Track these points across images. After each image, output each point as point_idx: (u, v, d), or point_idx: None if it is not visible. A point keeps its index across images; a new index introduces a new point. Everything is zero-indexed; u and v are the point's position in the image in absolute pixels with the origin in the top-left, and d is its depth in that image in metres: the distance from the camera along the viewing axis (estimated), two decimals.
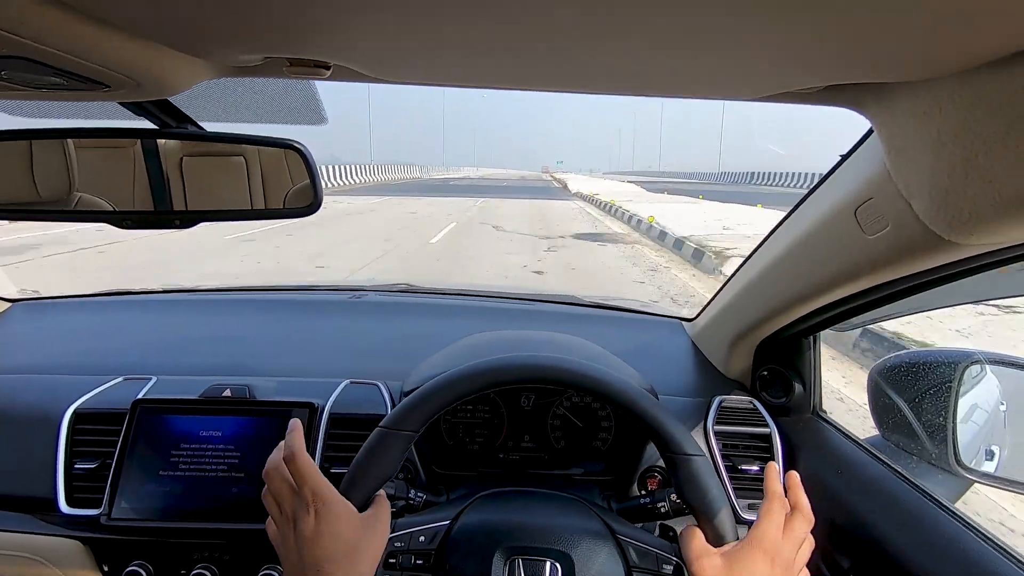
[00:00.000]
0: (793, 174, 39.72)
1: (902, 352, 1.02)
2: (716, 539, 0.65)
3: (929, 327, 3.80)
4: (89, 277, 6.41)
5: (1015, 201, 0.38)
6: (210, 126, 0.67)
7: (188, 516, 0.87)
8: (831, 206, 0.63)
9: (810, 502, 0.66)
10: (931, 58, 0.36)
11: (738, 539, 0.65)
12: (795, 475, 0.67)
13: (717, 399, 1.02)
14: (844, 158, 0.61)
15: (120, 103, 0.58)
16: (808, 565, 0.65)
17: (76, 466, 0.91)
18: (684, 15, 0.32)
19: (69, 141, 0.72)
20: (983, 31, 0.31)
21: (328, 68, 0.43)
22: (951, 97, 0.39)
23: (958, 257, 0.52)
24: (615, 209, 15.09)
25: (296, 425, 0.65)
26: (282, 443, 0.66)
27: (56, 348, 1.20)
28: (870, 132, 0.55)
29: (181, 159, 0.71)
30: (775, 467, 0.68)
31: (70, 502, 0.89)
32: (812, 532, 0.66)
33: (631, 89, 0.49)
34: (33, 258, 7.29)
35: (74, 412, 0.94)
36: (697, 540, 0.65)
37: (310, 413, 0.93)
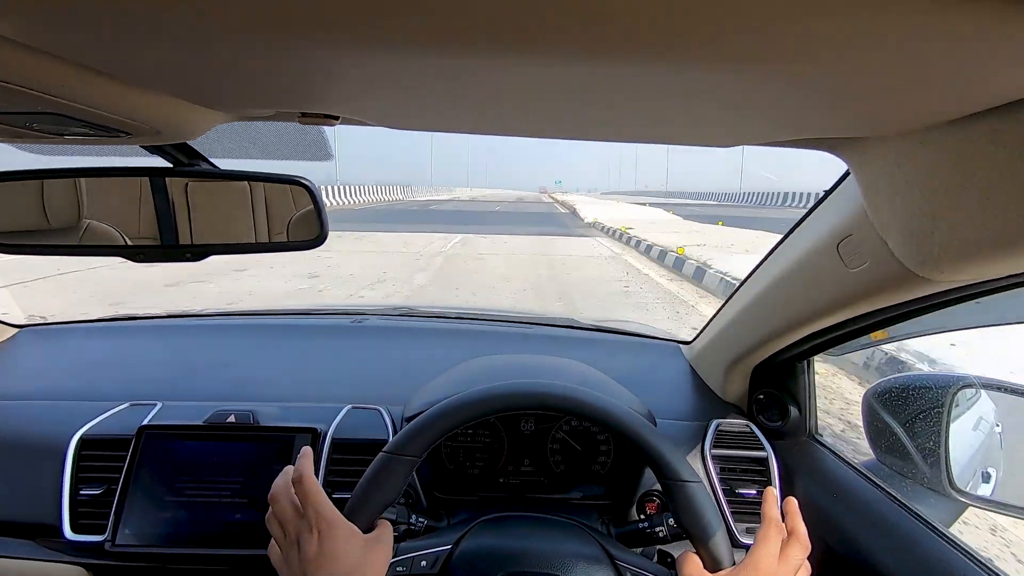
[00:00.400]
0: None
1: (896, 376, 1.04)
2: (712, 564, 0.66)
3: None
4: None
5: (977, 243, 0.40)
6: (220, 162, 0.70)
7: (192, 542, 0.88)
8: (815, 239, 0.66)
9: (805, 526, 0.67)
10: (896, 119, 0.38)
11: (735, 564, 0.66)
12: (793, 501, 0.68)
13: (714, 423, 1.04)
14: (827, 194, 0.64)
15: (141, 146, 0.61)
16: None
17: (81, 492, 0.92)
18: (669, 80, 0.35)
19: (81, 181, 0.74)
20: (941, 96, 0.34)
21: (337, 118, 0.46)
22: (917, 150, 0.42)
23: (933, 291, 0.54)
24: (684, 264, 8.10)
25: (307, 452, 0.67)
26: (288, 468, 0.67)
27: (63, 374, 1.21)
28: (848, 172, 0.58)
29: (187, 184, 0.74)
30: (773, 492, 0.69)
31: (75, 528, 0.90)
32: (808, 558, 0.67)
33: (621, 137, 0.52)
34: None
35: (80, 438, 0.95)
36: (693, 565, 0.66)
37: (313, 438, 0.95)
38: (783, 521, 0.67)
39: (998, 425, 1.17)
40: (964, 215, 0.40)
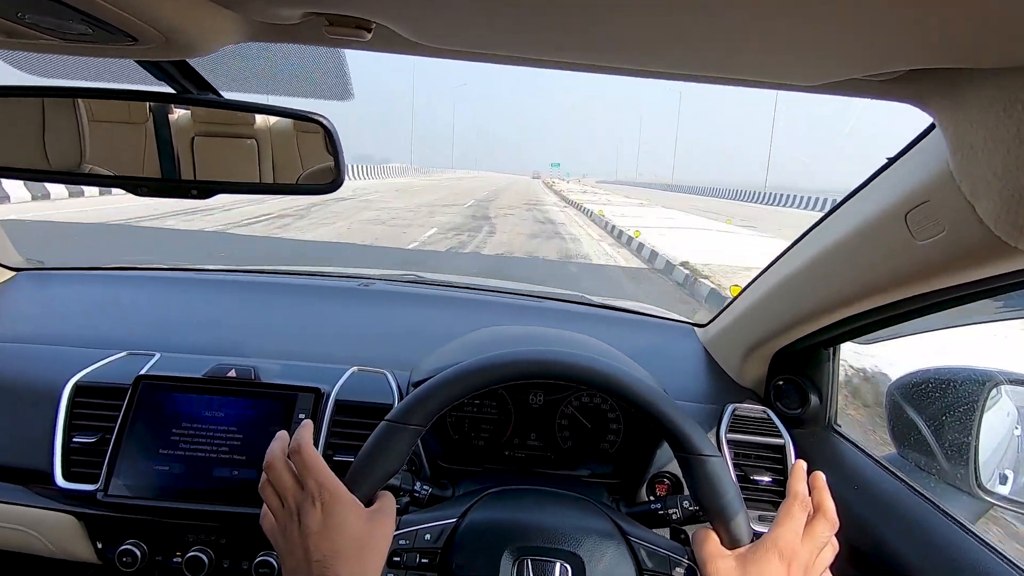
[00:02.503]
0: None
1: (923, 369, 1.00)
2: (731, 542, 0.63)
3: None
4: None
5: None
6: (230, 96, 0.65)
7: (186, 497, 0.85)
8: (877, 211, 0.61)
9: None
10: (1009, 43, 0.33)
11: (753, 541, 0.63)
12: (821, 476, 0.64)
13: (731, 407, 1.00)
14: (892, 160, 0.59)
15: (142, 64, 0.56)
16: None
17: (74, 440, 0.89)
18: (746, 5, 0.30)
19: (82, 110, 0.70)
20: None
21: (369, 30, 0.41)
22: None
23: (1018, 266, 0.49)
24: None
25: (308, 424, 0.64)
26: (281, 433, 0.64)
27: (60, 319, 1.18)
28: (926, 132, 0.53)
29: (192, 138, 0.69)
30: (802, 466, 0.66)
31: (67, 476, 0.87)
32: (836, 536, 0.63)
33: (685, 68, 0.46)
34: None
35: (75, 385, 0.92)
36: (711, 542, 0.62)
37: (315, 398, 0.91)
38: (810, 496, 0.63)
39: (1018, 427, 1.14)
40: None
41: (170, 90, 0.61)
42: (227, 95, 0.65)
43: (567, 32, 0.40)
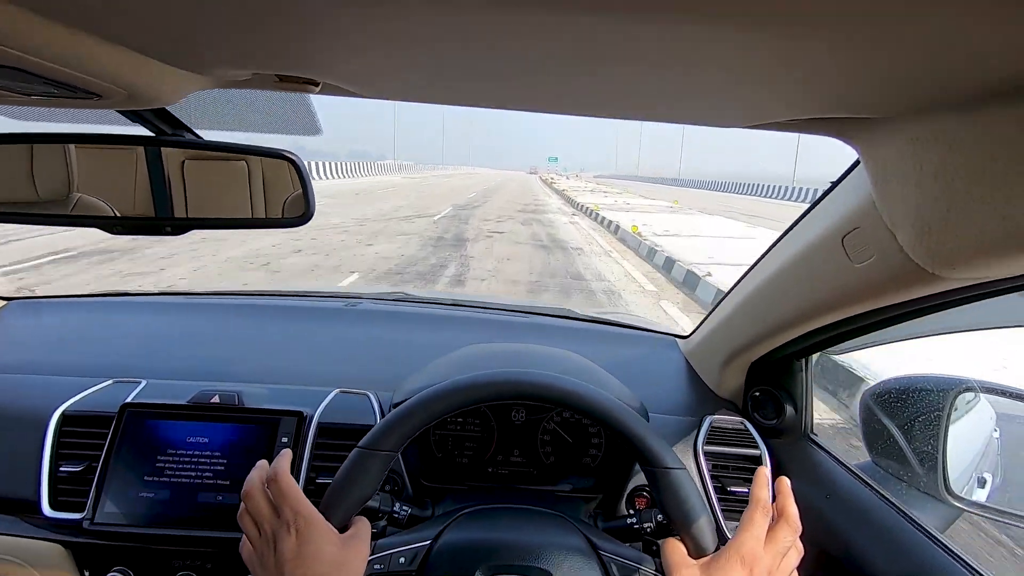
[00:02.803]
0: None
1: (895, 377, 1.02)
2: (696, 551, 0.64)
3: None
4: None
5: (994, 239, 0.38)
6: (208, 135, 0.67)
7: (172, 523, 0.87)
8: (820, 232, 0.63)
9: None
10: (913, 94, 0.36)
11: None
12: (785, 481, 0.66)
13: (708, 419, 1.02)
14: (834, 185, 0.62)
15: (117, 110, 0.59)
16: None
17: (61, 469, 0.90)
18: (672, 45, 0.32)
19: (71, 145, 0.72)
20: (962, 72, 0.31)
21: (317, 84, 0.43)
22: (934, 135, 0.39)
23: (942, 288, 0.52)
24: None
25: (286, 453, 0.66)
26: (261, 463, 0.66)
27: (48, 348, 1.19)
28: (857, 163, 0.55)
29: (183, 162, 0.71)
30: (764, 473, 0.67)
31: (53, 505, 0.89)
32: (810, 542, 0.65)
33: (619, 113, 0.49)
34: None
35: (62, 414, 0.94)
36: (677, 552, 0.64)
37: (298, 422, 0.93)
38: (773, 502, 0.65)
39: (996, 430, 1.15)
40: (982, 208, 0.37)
41: (147, 133, 0.63)
42: (203, 133, 0.67)
43: (506, 81, 0.42)
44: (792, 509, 0.64)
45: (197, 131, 0.67)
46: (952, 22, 0.25)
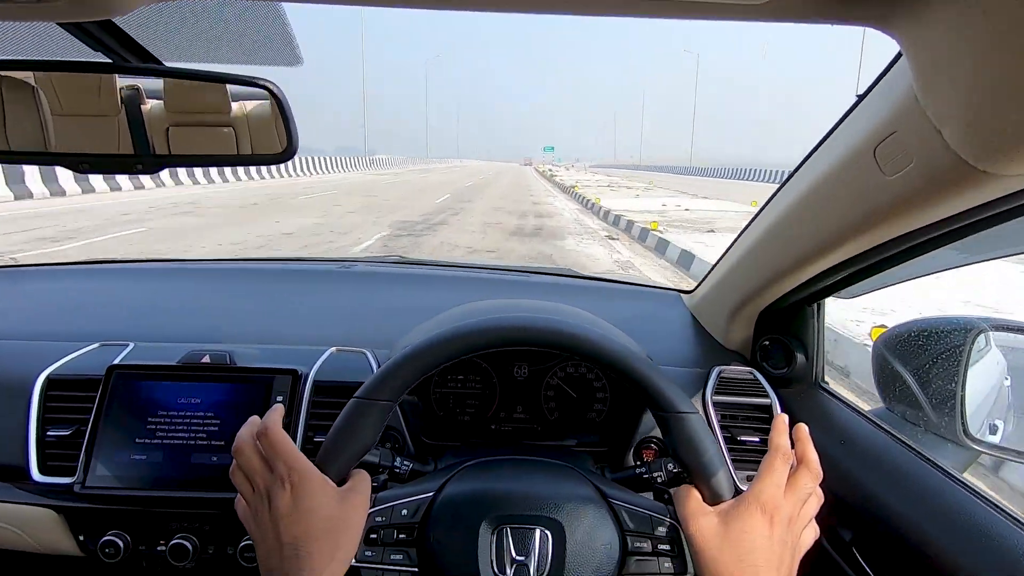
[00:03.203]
0: None
1: (908, 321, 0.98)
2: (713, 498, 0.62)
3: None
4: None
5: None
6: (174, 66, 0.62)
7: (166, 485, 0.84)
8: (845, 150, 0.59)
9: None
10: None
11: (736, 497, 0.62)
12: (803, 427, 0.63)
13: (716, 369, 0.99)
14: (861, 98, 0.57)
15: (75, 34, 0.54)
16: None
17: (49, 433, 0.87)
18: None
19: (44, 101, 0.67)
20: None
21: None
22: (994, 1, 0.34)
23: (990, 196, 0.47)
24: None
25: (278, 407, 0.63)
26: (252, 418, 0.63)
27: (31, 314, 1.16)
28: (893, 62, 0.50)
29: (167, 129, 0.66)
30: (784, 419, 0.65)
31: (43, 470, 0.86)
32: (824, 490, 0.62)
33: (625, 7, 0.44)
34: None
35: (47, 378, 0.90)
36: (692, 499, 0.62)
37: (293, 380, 0.90)
38: (792, 448, 0.63)
39: (1008, 378, 1.13)
40: None
41: (108, 60, 0.58)
42: (170, 65, 0.62)
43: None
44: (812, 455, 0.62)
45: (167, 64, 0.62)
46: None
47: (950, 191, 0.48)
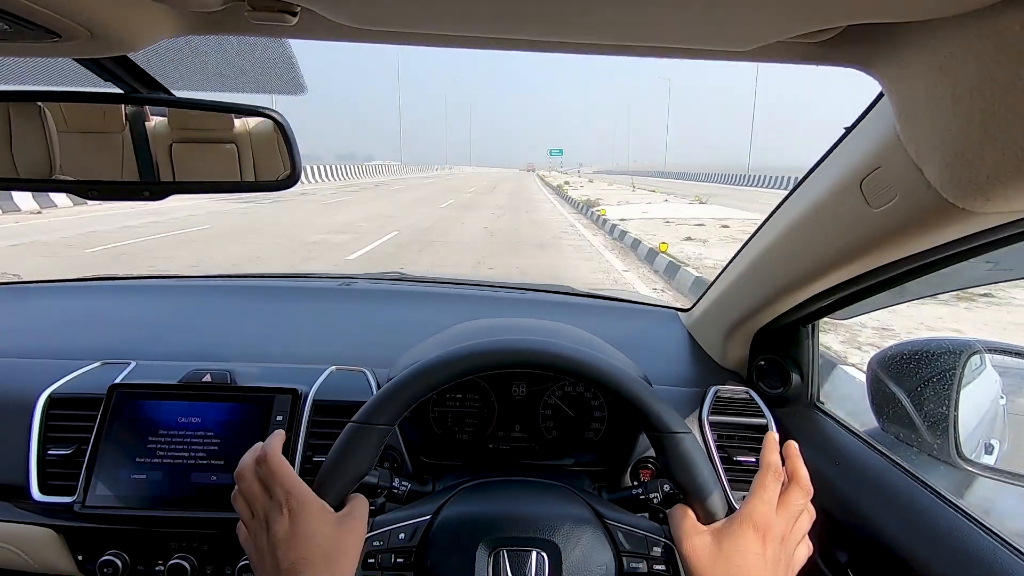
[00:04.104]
0: None
1: (903, 341, 0.99)
2: (707, 518, 0.63)
3: None
4: None
5: None
6: (182, 96, 0.64)
7: (166, 504, 0.84)
8: (834, 181, 0.60)
9: None
10: None
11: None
12: (793, 444, 0.64)
13: (712, 389, 1.00)
14: (848, 130, 0.58)
15: (86, 65, 0.55)
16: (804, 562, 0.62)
17: (50, 452, 0.88)
18: None
19: (50, 120, 0.68)
20: None
21: (294, 14, 0.40)
22: (970, 44, 0.36)
23: (972, 230, 0.49)
24: None
25: (279, 433, 0.64)
26: (257, 444, 0.64)
27: (33, 332, 1.16)
28: (877, 100, 0.52)
29: (171, 145, 0.68)
30: (773, 437, 0.65)
31: (43, 489, 0.86)
32: (819, 509, 0.63)
33: (620, 39, 0.46)
34: None
35: (49, 396, 0.91)
36: (687, 519, 0.62)
37: (293, 399, 0.91)
38: (783, 466, 0.63)
39: (1003, 397, 1.14)
40: (1022, 126, 0.34)
41: (119, 90, 0.60)
42: (179, 94, 0.64)
43: (501, 9, 0.39)
44: (803, 472, 0.63)
45: (173, 92, 0.64)
46: None
47: (933, 226, 0.49)
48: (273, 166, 0.64)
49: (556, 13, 0.39)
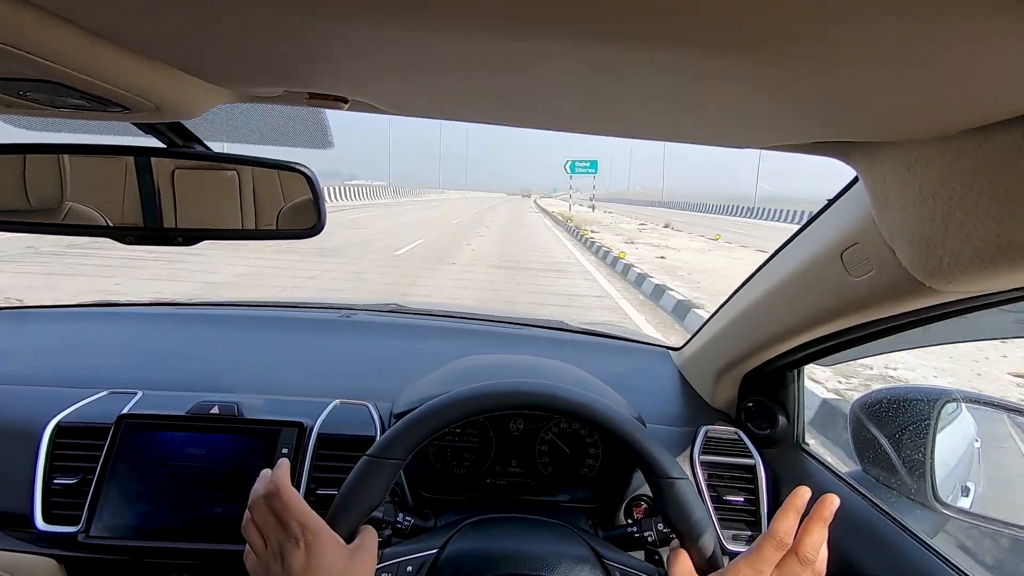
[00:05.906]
0: None
1: (884, 388, 1.05)
2: (702, 562, 0.66)
3: None
4: None
5: (989, 254, 0.40)
6: (215, 146, 0.68)
7: (169, 535, 0.85)
8: (818, 247, 0.66)
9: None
10: (914, 124, 0.39)
11: (724, 565, 0.65)
12: (815, 522, 0.61)
13: (703, 429, 1.04)
14: (831, 202, 0.64)
15: (138, 124, 0.59)
16: None
17: (55, 481, 0.89)
18: (684, 79, 0.35)
19: (65, 157, 0.72)
20: (962, 104, 0.34)
21: (347, 101, 0.44)
22: (932, 157, 0.42)
23: (937, 301, 0.54)
24: None
25: (284, 463, 0.66)
26: (265, 472, 0.66)
27: (39, 359, 1.17)
28: (855, 180, 0.58)
29: (173, 171, 0.71)
30: (795, 504, 0.61)
31: (47, 519, 0.87)
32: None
33: (630, 133, 0.51)
34: None
35: (56, 426, 0.92)
36: (683, 563, 0.65)
37: (299, 433, 0.93)
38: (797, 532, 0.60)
39: (977, 440, 1.19)
40: (979, 225, 0.40)
41: (157, 143, 0.64)
42: (211, 144, 0.68)
43: (526, 102, 0.44)
44: (806, 551, 0.60)
45: (207, 142, 0.68)
46: (951, 63, 0.28)
47: (905, 299, 0.55)
48: (302, 217, 0.68)
49: (572, 108, 0.45)
